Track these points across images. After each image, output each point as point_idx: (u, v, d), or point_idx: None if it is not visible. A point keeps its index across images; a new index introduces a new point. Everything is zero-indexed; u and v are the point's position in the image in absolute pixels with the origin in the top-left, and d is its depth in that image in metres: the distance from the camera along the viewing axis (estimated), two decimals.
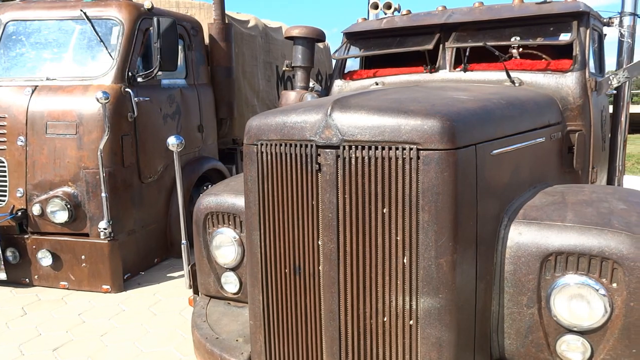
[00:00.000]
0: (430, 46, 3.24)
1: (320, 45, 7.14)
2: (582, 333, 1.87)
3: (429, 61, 3.31)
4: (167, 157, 4.71)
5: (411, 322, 1.84)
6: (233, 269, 2.56)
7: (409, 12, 3.61)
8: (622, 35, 3.76)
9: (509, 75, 2.98)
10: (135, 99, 4.32)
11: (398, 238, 1.80)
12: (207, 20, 5.48)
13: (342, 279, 1.90)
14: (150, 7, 4.50)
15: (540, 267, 1.90)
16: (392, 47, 3.47)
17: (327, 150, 1.85)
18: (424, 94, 2.28)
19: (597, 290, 1.82)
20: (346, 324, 1.92)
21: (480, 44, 3.07)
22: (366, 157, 1.80)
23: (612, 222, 1.89)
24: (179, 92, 4.95)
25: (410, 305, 1.83)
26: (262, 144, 2.02)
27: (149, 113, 4.57)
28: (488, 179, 1.96)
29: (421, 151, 1.74)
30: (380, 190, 1.80)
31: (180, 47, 4.88)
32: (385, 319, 1.87)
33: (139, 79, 4.42)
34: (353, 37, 3.74)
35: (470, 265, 1.88)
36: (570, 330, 1.89)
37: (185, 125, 5.03)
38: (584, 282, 1.84)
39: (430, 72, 3.32)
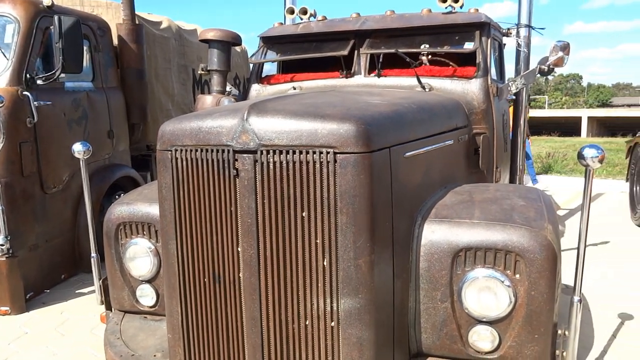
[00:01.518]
0: (345, 52, 3.31)
1: (238, 49, 7.05)
2: (490, 323, 1.99)
3: (344, 66, 3.39)
4: (73, 165, 4.40)
5: (332, 323, 1.86)
6: (149, 281, 2.44)
7: (325, 18, 3.67)
8: (519, 45, 4.09)
9: (419, 81, 3.13)
10: (35, 102, 3.99)
11: (317, 241, 1.82)
12: (115, 20, 5.20)
13: (263, 284, 1.88)
14: (50, 4, 4.18)
15: (452, 263, 2.00)
16: (308, 52, 3.51)
17: (245, 155, 1.83)
18: (340, 99, 2.32)
19: (503, 282, 1.94)
20: (268, 330, 1.90)
21: (393, 50, 3.19)
22: (284, 162, 1.80)
23: (514, 217, 2.03)
24: (85, 95, 4.65)
25: (331, 307, 1.85)
26: (176, 150, 1.95)
27: (51, 118, 4.24)
28: (402, 181, 2.03)
29: (338, 155, 1.77)
30: (298, 194, 1.80)
31: (85, 48, 4.58)
32: (307, 322, 1.87)
33: (39, 82, 4.09)
34: (270, 42, 3.74)
35: (387, 265, 1.94)
36: (480, 321, 2.00)
37: (93, 131, 4.73)
38: (491, 275, 1.96)
39: (346, 77, 3.40)
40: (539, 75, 3.48)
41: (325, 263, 1.83)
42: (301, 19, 3.72)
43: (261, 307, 1.89)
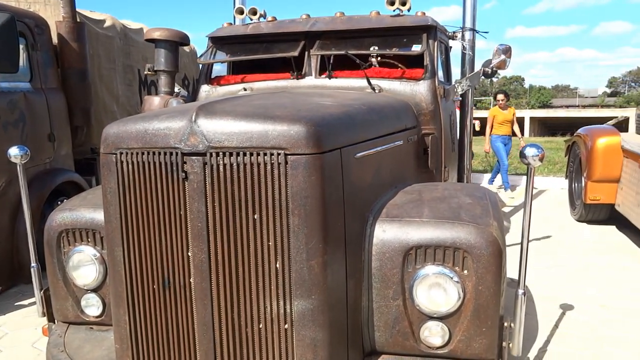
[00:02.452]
0: (295, 53, 3.31)
1: (186, 49, 6.90)
2: (441, 318, 2.04)
3: (295, 68, 3.38)
4: (10, 171, 4.16)
5: (286, 325, 1.84)
6: (94, 290, 2.34)
7: (275, 18, 3.65)
8: (464, 48, 4.22)
9: (369, 83, 3.17)
10: None
11: (270, 243, 1.80)
12: (54, 17, 4.96)
13: (215, 289, 1.84)
14: None
15: (403, 261, 2.04)
16: (258, 53, 3.48)
17: (194, 157, 1.79)
18: (291, 100, 2.31)
19: (452, 278, 1.99)
20: (221, 335, 1.86)
21: (343, 52, 3.22)
22: (234, 164, 1.77)
23: (461, 215, 2.09)
24: (22, 97, 4.40)
25: (285, 309, 1.84)
26: (121, 153, 1.89)
27: None
28: (353, 181, 2.05)
29: (289, 156, 1.76)
30: (250, 197, 1.78)
31: (22, 46, 4.35)
32: (260, 326, 1.86)
33: None
34: (219, 42, 3.68)
35: (340, 265, 1.95)
36: (431, 317, 2.05)
37: (31, 134, 4.49)
38: (441, 272, 2.01)
39: (297, 79, 3.39)
40: (483, 77, 3.61)
41: (277, 265, 1.81)
42: (251, 20, 3.69)
43: (213, 312, 1.85)
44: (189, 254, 1.84)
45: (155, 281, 1.90)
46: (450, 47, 4.34)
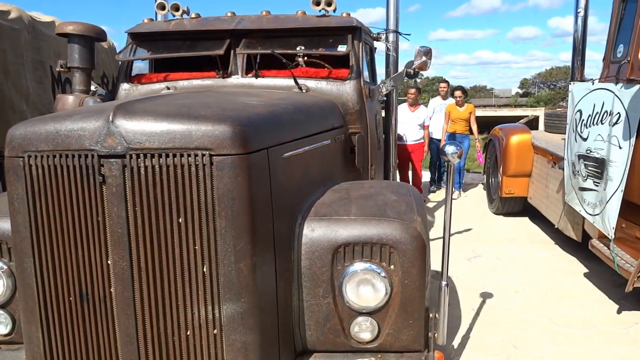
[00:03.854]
0: (221, 51, 3.24)
1: (104, 45, 6.53)
2: (370, 314, 2.08)
3: (221, 66, 3.31)
4: None
5: (215, 331, 1.80)
6: (2, 306, 2.15)
7: (198, 15, 3.55)
8: (388, 49, 4.33)
9: (296, 82, 3.17)
10: None
11: (196, 247, 1.75)
12: None
13: (139, 298, 1.76)
14: None
15: (332, 259, 2.06)
16: (182, 51, 3.37)
17: (112, 160, 1.70)
18: (216, 99, 2.26)
19: (379, 274, 2.04)
20: (146, 346, 1.79)
21: (269, 51, 3.19)
22: (156, 166, 1.70)
23: (387, 212, 2.14)
24: None
25: (214, 314, 1.80)
26: (30, 156, 1.75)
27: None
28: (281, 181, 2.04)
29: (214, 157, 1.72)
30: (174, 200, 1.72)
31: None
32: (188, 333, 1.80)
33: None
34: (139, 38, 3.52)
35: (269, 266, 1.93)
36: (360, 313, 2.08)
37: None
38: (369, 268, 2.05)
39: (223, 78, 3.32)
40: (406, 77, 3.73)
41: (205, 269, 1.77)
42: (173, 16, 3.56)
43: (137, 322, 1.77)
44: (109, 262, 1.75)
45: (71, 294, 1.79)
46: (375, 48, 4.44)
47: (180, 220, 1.73)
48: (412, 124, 6.94)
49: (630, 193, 3.39)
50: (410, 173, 7.15)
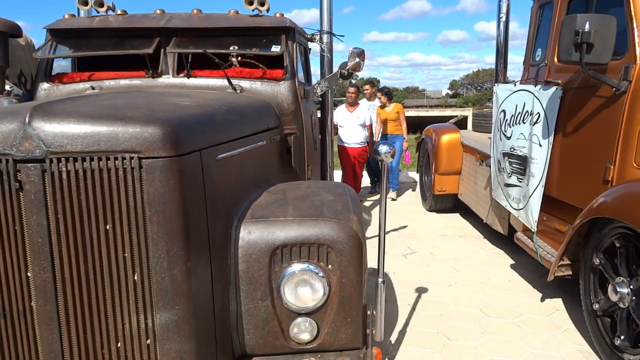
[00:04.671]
0: (150, 50, 3.12)
1: (21, 41, 6.10)
2: (309, 314, 2.08)
3: (150, 66, 3.19)
4: None
5: (148, 341, 1.73)
6: None
7: (125, 12, 3.40)
8: (322, 50, 4.36)
9: (230, 82, 3.12)
10: None
11: (126, 255, 1.67)
12: None
13: (63, 311, 1.66)
14: None
15: (270, 261, 2.04)
16: (107, 49, 3.21)
17: (29, 164, 1.59)
18: (144, 100, 2.17)
19: (317, 274, 2.05)
20: None
21: (201, 50, 3.11)
22: (80, 170, 1.61)
23: (324, 212, 2.15)
24: None
25: (146, 324, 1.73)
26: None
27: None
28: (216, 184, 1.99)
29: (143, 160, 1.65)
30: (100, 206, 1.63)
31: None
32: (119, 345, 1.72)
33: None
34: (60, 35, 3.32)
35: (205, 271, 1.88)
36: (299, 314, 2.08)
37: None
38: (307, 268, 2.05)
39: (153, 77, 3.21)
40: (340, 78, 3.77)
41: (136, 277, 1.69)
42: (97, 12, 3.39)
43: (61, 336, 1.67)
44: (29, 274, 1.63)
45: None
46: (310, 49, 4.46)
47: (107, 227, 1.65)
48: (352, 124, 6.68)
49: (550, 188, 3.63)
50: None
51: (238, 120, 2.43)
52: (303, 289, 2.06)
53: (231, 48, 3.17)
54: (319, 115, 4.48)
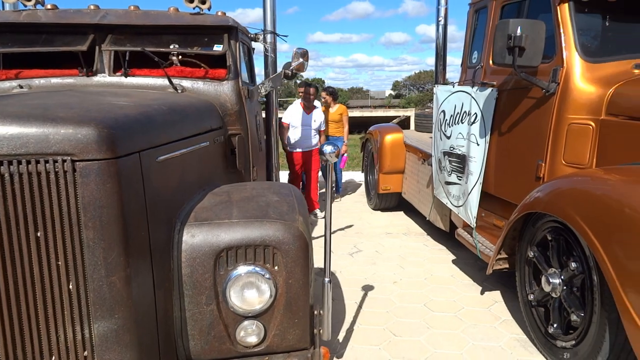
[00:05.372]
0: (84, 47, 2.98)
1: None
2: (255, 317, 2.06)
3: (84, 64, 3.05)
4: None
5: (85, 353, 1.65)
6: None
7: (55, 7, 3.22)
8: (266, 50, 4.33)
9: (171, 82, 3.03)
10: None
11: (59, 263, 1.59)
12: None
13: None
14: None
15: (214, 265, 2.00)
16: (37, 45, 3.03)
17: None
18: (78, 100, 2.07)
19: (264, 276, 2.03)
20: None
21: (139, 48, 3.00)
22: (6, 174, 1.51)
23: (269, 213, 2.14)
24: None
25: (83, 335, 1.64)
26: None
27: None
28: (156, 186, 1.93)
29: (77, 163, 1.57)
30: (29, 212, 1.54)
31: None
32: (53, 358, 1.62)
33: None
34: None
35: (146, 277, 1.82)
36: (246, 317, 2.05)
37: None
38: (252, 270, 2.03)
39: (88, 76, 3.06)
40: (284, 79, 3.76)
41: (71, 286, 1.61)
42: (25, 6, 3.19)
43: None
44: None
45: None
46: (253, 48, 4.42)
47: (38, 234, 1.55)
48: (307, 127, 6.16)
49: (487, 185, 3.79)
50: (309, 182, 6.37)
51: (179, 121, 2.36)
52: (249, 291, 2.03)
53: (171, 46, 3.09)
54: (263, 115, 4.46)
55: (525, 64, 3.00)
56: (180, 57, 3.17)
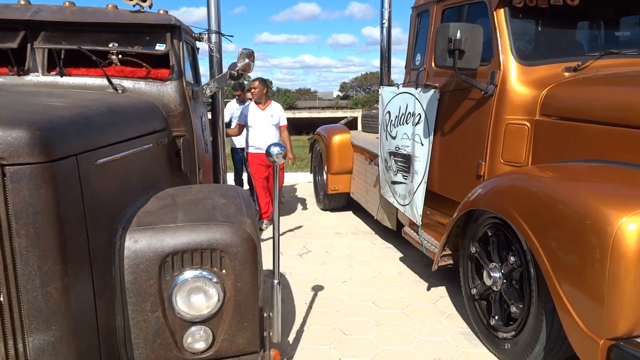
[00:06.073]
0: (14, 44, 2.81)
1: None
2: (203, 322, 2.02)
3: (15, 62, 2.88)
4: None
5: None
6: None
7: None
8: (211, 50, 4.26)
9: (110, 82, 2.91)
10: None
11: None
12: None
13: None
14: None
15: (160, 270, 1.94)
16: None
17: None
18: (8, 100, 1.96)
19: (211, 280, 1.99)
20: None
21: (75, 47, 2.87)
22: None
23: (216, 216, 2.10)
24: None
25: (16, 349, 1.55)
26: None
27: None
28: (96, 191, 1.85)
29: (7, 167, 1.48)
30: None
31: None
32: None
33: None
34: None
35: (86, 285, 1.74)
36: (193, 323, 2.01)
37: None
38: (199, 275, 1.98)
39: (19, 75, 2.89)
40: (230, 79, 3.71)
41: (1, 298, 1.51)
42: None
43: None
44: None
45: None
46: (198, 48, 4.33)
47: None
48: (264, 124, 5.70)
49: (432, 184, 3.90)
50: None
51: (119, 122, 2.28)
52: (196, 296, 1.99)
53: (110, 45, 2.97)
54: (209, 116, 4.38)
55: (465, 67, 3.11)
56: (120, 56, 3.06)
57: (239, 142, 6.44)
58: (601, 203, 2.13)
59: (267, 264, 2.68)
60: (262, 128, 5.72)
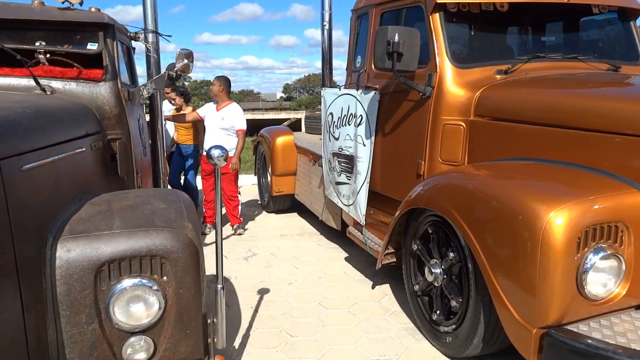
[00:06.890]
0: None
1: None
2: (143, 331, 1.95)
3: None
4: None
5: None
6: None
7: None
8: (148, 50, 4.12)
9: (38, 83, 2.75)
10: None
11: None
12: None
13: None
14: None
15: (95, 280, 1.86)
16: None
17: None
18: None
19: (151, 287, 1.93)
20: None
21: None
22: None
23: (155, 221, 2.03)
24: None
25: None
26: None
27: None
28: (22, 198, 1.74)
29: None
30: None
31: None
32: None
33: None
34: None
35: (12, 299, 1.63)
36: (133, 333, 1.93)
37: None
38: (139, 283, 1.91)
39: None
40: (169, 80, 3.61)
41: None
42: None
43: None
44: None
45: None
46: (134, 48, 4.18)
47: None
48: (215, 127, 5.41)
49: (374, 184, 3.97)
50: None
51: (48, 125, 2.16)
52: (136, 305, 1.92)
53: (37, 44, 2.80)
54: (147, 118, 4.23)
55: (404, 69, 3.19)
56: (49, 55, 2.90)
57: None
58: (531, 199, 2.25)
59: (211, 269, 2.62)
60: (211, 130, 5.47)
